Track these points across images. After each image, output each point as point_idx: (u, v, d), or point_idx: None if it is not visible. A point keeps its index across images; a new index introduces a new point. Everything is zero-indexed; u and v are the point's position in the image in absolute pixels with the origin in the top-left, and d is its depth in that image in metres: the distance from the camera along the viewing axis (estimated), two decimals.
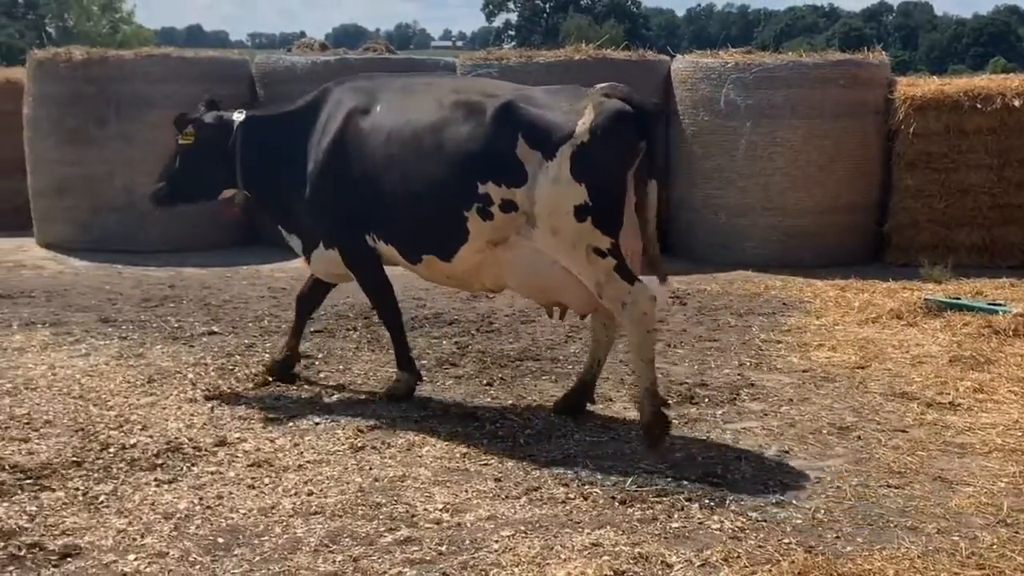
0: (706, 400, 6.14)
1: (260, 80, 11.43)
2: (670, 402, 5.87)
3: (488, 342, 7.42)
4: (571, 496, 4.78)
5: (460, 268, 5.78)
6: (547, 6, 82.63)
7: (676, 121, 10.96)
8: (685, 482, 4.89)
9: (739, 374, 6.70)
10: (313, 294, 6.59)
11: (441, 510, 4.59)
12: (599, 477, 4.99)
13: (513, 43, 70.51)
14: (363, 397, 6.14)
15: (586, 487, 4.87)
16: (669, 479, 4.93)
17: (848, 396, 6.26)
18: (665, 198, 4.78)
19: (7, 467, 4.95)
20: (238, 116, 6.37)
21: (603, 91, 5.48)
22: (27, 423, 5.58)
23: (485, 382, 6.47)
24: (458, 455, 5.25)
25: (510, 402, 6.10)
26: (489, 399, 6.15)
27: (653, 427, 5.36)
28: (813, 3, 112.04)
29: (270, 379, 6.44)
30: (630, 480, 4.93)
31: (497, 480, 4.94)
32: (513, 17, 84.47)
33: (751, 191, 10.63)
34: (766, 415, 5.92)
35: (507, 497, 4.76)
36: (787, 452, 5.35)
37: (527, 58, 10.72)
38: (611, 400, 6.14)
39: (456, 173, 5.58)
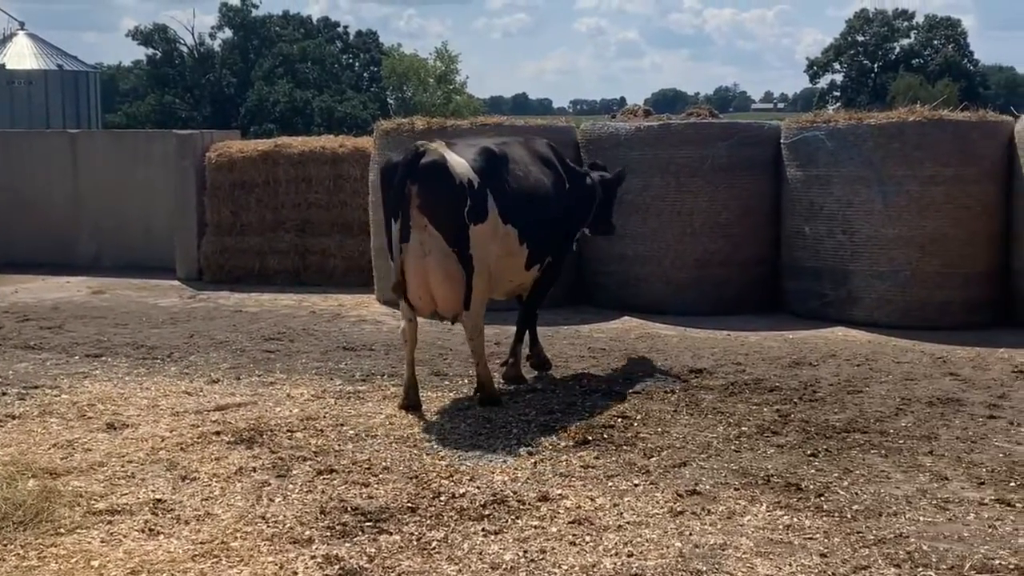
0: None
1: (585, 146, 11.71)
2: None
3: (812, 411, 7.18)
4: None
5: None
6: (875, 65, 79.78)
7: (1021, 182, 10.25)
8: None
9: None
10: None
11: None
12: (933, 560, 4.72)
13: (838, 104, 68.57)
14: (682, 460, 6.11)
15: (919, 570, 4.62)
16: (1013, 569, 4.58)
17: None
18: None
19: (349, 509, 5.31)
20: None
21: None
22: (367, 468, 5.97)
23: (809, 452, 6.26)
24: (781, 527, 5.11)
25: (835, 475, 5.88)
26: (813, 470, 5.95)
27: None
28: None
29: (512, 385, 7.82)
30: (968, 565, 4.63)
31: (823, 555, 4.77)
32: (838, 78, 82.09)
33: None
34: None
35: (833, 574, 4.58)
36: None
37: (857, 120, 10.34)
38: (947, 479, 5.80)
39: None
